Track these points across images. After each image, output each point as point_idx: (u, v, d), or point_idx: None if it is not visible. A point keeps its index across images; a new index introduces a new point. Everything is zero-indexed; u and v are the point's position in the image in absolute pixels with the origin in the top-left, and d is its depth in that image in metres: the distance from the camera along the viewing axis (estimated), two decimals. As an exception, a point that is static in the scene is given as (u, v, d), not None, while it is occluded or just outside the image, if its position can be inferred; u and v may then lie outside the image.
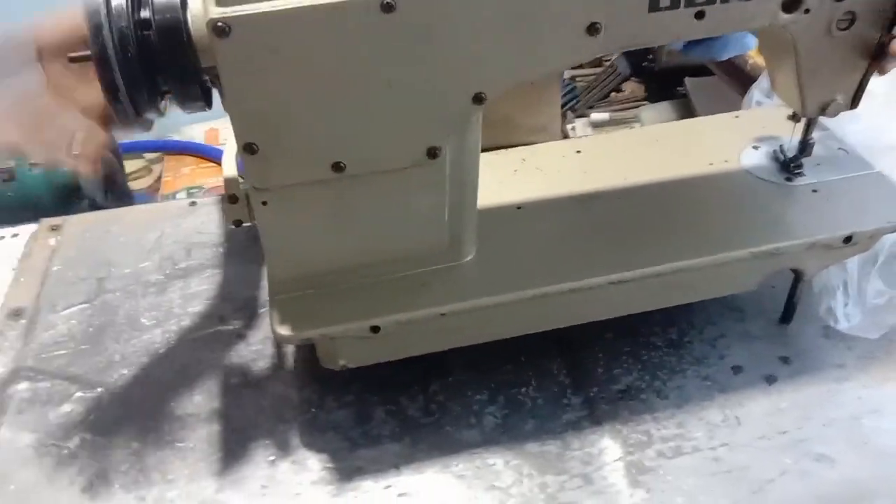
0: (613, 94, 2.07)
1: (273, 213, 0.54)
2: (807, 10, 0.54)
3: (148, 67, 0.47)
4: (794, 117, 0.68)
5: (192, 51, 0.46)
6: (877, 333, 0.67)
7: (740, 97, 1.41)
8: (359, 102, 0.49)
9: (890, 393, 0.64)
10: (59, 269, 0.79)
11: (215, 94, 0.50)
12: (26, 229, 0.85)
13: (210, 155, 1.69)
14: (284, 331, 0.56)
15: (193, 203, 0.86)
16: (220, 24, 0.43)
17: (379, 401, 0.64)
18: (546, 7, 0.48)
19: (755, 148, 0.72)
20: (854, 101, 0.63)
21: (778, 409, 0.63)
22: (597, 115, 2.00)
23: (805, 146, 0.68)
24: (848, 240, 0.63)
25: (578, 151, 0.74)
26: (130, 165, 1.80)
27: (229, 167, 0.57)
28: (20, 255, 0.81)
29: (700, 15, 0.52)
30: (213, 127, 1.83)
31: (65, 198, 1.59)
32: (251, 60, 0.46)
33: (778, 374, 0.66)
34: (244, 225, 0.58)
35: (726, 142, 0.73)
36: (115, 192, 1.70)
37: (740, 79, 1.45)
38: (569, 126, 1.98)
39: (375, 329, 0.57)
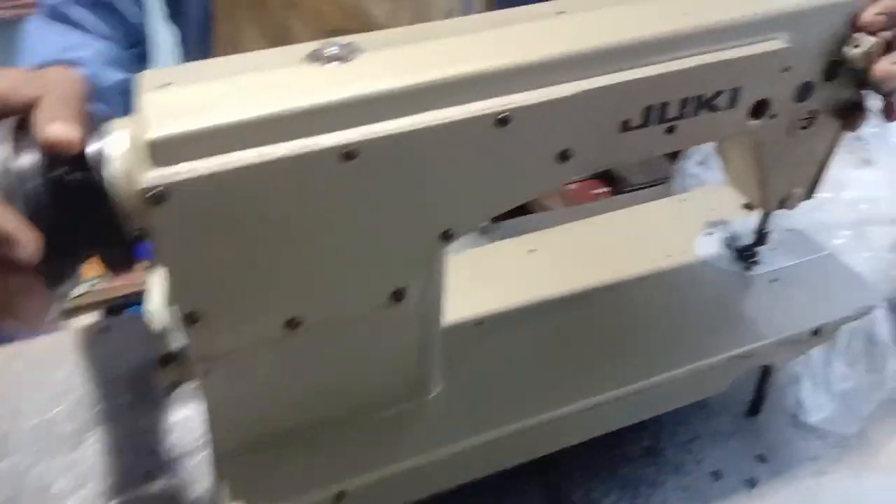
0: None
1: (218, 380, 0.47)
2: (773, 116, 0.52)
3: (63, 235, 0.39)
4: (749, 206, 0.66)
5: (117, 215, 0.39)
6: (853, 427, 0.66)
7: (664, 159, 1.40)
8: (316, 254, 0.43)
9: (869, 484, 0.63)
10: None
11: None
12: None
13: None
14: (238, 508, 0.49)
15: (106, 329, 0.76)
16: (154, 191, 0.37)
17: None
18: (516, 140, 0.44)
19: (708, 235, 0.71)
20: (810, 192, 0.62)
21: (764, 516, 0.61)
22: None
23: (762, 236, 0.66)
24: (816, 332, 0.62)
25: (531, 250, 0.70)
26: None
27: (160, 319, 0.50)
28: None
29: (671, 130, 0.49)
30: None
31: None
32: (193, 224, 0.39)
33: (757, 475, 0.63)
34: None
35: (679, 229, 0.71)
36: None
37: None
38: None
39: (341, 495, 0.51)
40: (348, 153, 0.40)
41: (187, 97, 0.39)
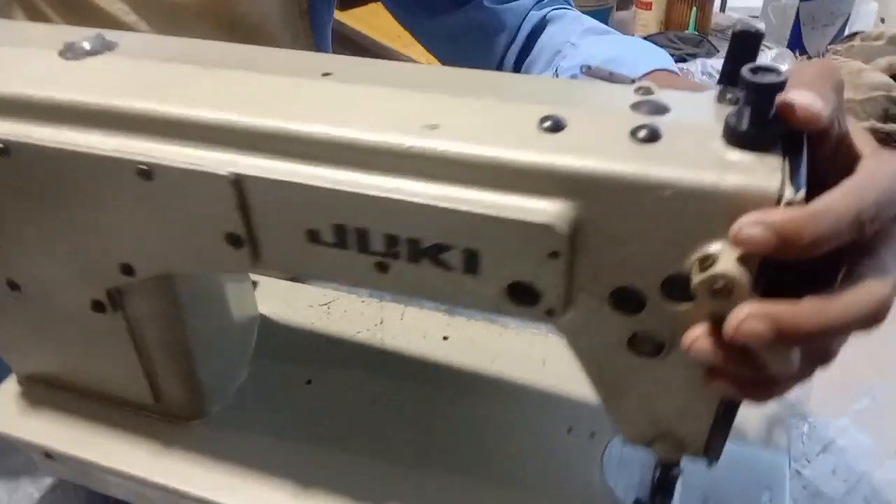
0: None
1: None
2: (551, 312, 0.35)
3: None
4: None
5: None
6: None
7: None
8: (12, 235, 0.45)
9: None
10: None
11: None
12: None
13: None
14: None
15: None
16: None
17: None
18: (164, 200, 0.38)
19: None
20: (709, 449, 0.40)
21: None
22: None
23: (660, 488, 0.45)
24: None
25: (445, 338, 0.59)
26: None
27: None
28: None
29: (382, 267, 0.37)
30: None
31: None
32: None
33: None
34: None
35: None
36: None
37: None
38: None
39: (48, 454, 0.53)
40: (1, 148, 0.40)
41: None
